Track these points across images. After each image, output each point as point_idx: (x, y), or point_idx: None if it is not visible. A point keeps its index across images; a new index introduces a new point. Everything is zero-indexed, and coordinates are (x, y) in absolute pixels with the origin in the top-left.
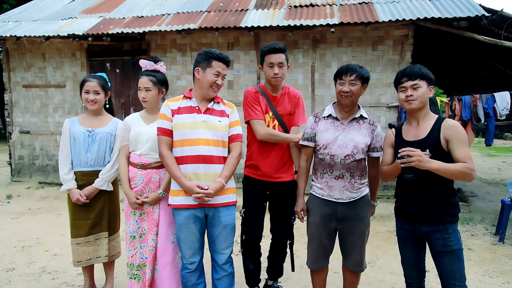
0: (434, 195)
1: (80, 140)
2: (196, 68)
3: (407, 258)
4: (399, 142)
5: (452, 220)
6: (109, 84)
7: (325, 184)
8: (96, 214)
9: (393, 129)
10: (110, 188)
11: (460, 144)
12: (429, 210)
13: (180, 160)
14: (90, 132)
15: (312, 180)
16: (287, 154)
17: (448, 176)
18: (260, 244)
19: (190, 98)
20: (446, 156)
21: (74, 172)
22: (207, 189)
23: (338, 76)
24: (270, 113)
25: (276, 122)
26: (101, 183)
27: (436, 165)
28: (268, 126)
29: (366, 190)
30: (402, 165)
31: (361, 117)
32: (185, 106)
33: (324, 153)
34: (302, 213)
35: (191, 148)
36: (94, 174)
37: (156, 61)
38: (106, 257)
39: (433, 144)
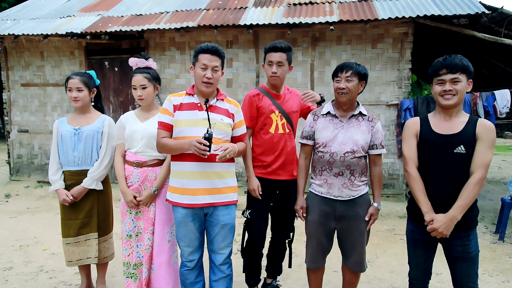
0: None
1: (67, 139)
2: (191, 65)
3: (416, 261)
4: (428, 134)
5: (474, 224)
6: (97, 81)
7: (324, 181)
8: (85, 214)
9: (417, 119)
10: (100, 187)
11: (487, 147)
12: None
13: (179, 157)
14: (76, 131)
15: (312, 178)
16: (295, 150)
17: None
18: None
19: (192, 94)
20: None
21: (63, 172)
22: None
23: (335, 74)
24: (277, 112)
25: (284, 120)
26: (89, 182)
27: (459, 212)
28: (276, 125)
29: (365, 189)
30: (428, 229)
31: (360, 114)
32: (187, 102)
33: (324, 151)
34: (301, 211)
35: None
36: (82, 174)
37: (146, 58)
38: (96, 258)
39: (468, 139)
